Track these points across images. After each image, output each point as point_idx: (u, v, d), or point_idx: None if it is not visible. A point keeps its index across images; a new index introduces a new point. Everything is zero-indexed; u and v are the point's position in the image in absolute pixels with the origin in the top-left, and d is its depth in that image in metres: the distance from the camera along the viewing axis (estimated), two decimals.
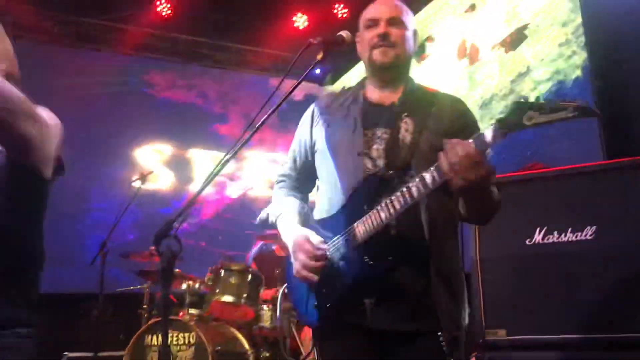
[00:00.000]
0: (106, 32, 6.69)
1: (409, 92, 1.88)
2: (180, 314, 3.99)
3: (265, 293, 4.22)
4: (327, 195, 1.86)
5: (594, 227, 2.43)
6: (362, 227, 1.68)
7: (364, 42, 1.89)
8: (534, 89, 4.66)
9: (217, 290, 3.98)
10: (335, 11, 6.73)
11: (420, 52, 6.08)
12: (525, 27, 4.79)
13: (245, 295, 3.99)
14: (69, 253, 5.61)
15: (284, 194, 2.02)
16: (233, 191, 7.31)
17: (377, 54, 1.84)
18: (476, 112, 4.94)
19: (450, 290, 1.71)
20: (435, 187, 1.56)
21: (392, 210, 1.62)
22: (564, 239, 2.49)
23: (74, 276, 5.56)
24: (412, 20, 1.94)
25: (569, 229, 2.49)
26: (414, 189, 1.59)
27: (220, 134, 7.32)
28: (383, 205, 1.64)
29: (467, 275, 2.93)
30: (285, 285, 3.75)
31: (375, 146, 1.77)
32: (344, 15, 6.69)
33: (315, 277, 1.73)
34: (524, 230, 2.60)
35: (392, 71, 1.88)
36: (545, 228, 2.55)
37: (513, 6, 4.97)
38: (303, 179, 2.02)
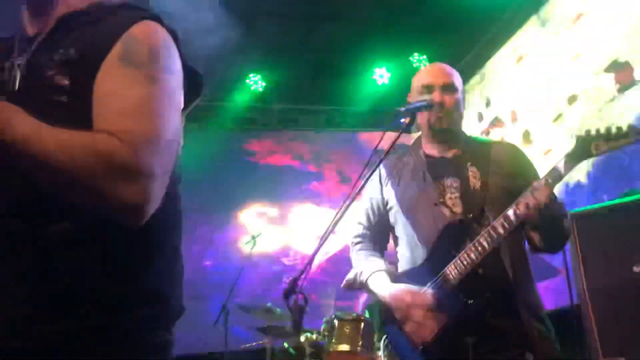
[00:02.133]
0: (208, 110, 7.34)
1: (466, 143, 2.03)
2: None
3: None
4: (408, 249, 1.97)
5: None
6: (454, 270, 1.78)
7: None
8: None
9: (333, 341, 4.17)
10: (413, 60, 6.99)
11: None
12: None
13: (360, 343, 4.14)
14: (193, 316, 6.05)
15: (366, 255, 2.13)
16: (335, 245, 7.56)
17: (434, 121, 1.98)
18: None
19: (542, 325, 1.82)
20: (518, 222, 1.70)
21: (481, 249, 1.74)
22: None
23: (200, 337, 5.97)
24: (461, 81, 2.06)
25: None
26: (499, 227, 1.72)
27: (317, 191, 7.70)
28: (471, 246, 1.76)
29: (576, 306, 2.95)
30: (385, 337, 3.88)
31: (448, 195, 1.91)
32: (423, 64, 6.93)
33: (435, 327, 1.78)
34: (629, 257, 2.61)
35: (448, 133, 2.01)
36: None
37: None
38: (378, 237, 2.14)
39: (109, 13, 1.03)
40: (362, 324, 4.28)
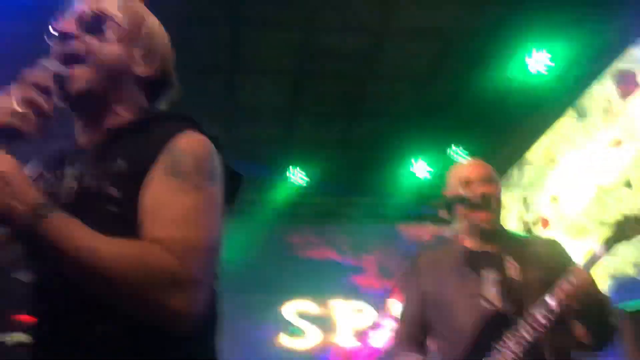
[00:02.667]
0: (250, 204, 7.51)
1: (506, 238, 2.03)
2: None
3: None
4: (447, 341, 1.94)
5: None
6: None
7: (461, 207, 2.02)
8: None
9: None
10: (451, 154, 7.07)
11: None
12: None
13: None
14: None
15: (403, 350, 2.08)
16: (377, 341, 7.35)
17: (474, 218, 1.99)
18: None
19: None
20: (558, 310, 1.69)
21: (521, 341, 1.72)
22: None
23: None
24: (498, 177, 2.11)
25: None
26: (539, 316, 1.71)
27: (358, 285, 7.60)
28: (512, 338, 1.74)
29: None
30: None
31: (487, 287, 1.89)
32: (462, 157, 7.00)
33: None
34: None
35: (488, 231, 2.01)
36: None
37: None
38: (417, 332, 2.08)
39: (155, 122, 1.10)
40: None
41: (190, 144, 1.02)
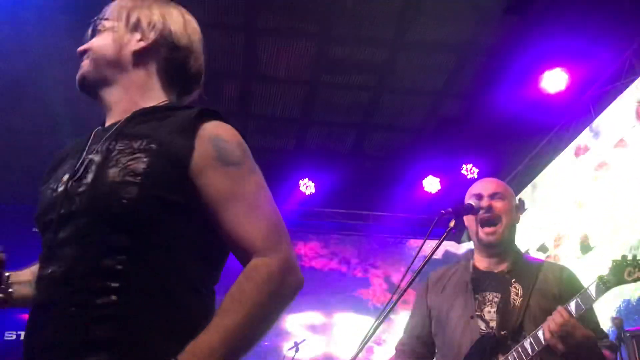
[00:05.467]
0: None
1: (516, 261, 1.99)
2: None
3: None
4: (445, 354, 1.96)
5: None
6: None
7: (470, 219, 2.02)
8: None
9: None
10: (464, 172, 7.01)
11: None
12: None
13: None
14: None
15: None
16: (380, 356, 7.26)
17: (482, 234, 1.98)
18: None
19: None
20: (546, 344, 1.67)
21: None
22: None
23: None
24: (513, 195, 2.09)
25: None
26: (527, 346, 1.70)
27: (363, 298, 7.54)
28: None
29: None
30: None
31: (487, 309, 1.89)
32: (474, 176, 6.94)
33: None
34: None
35: (497, 247, 2.00)
36: None
37: None
38: (418, 345, 2.09)
39: (176, 109, 1.18)
40: None
41: (227, 132, 1.12)
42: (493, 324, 1.86)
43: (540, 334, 1.69)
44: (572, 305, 1.67)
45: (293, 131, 6.84)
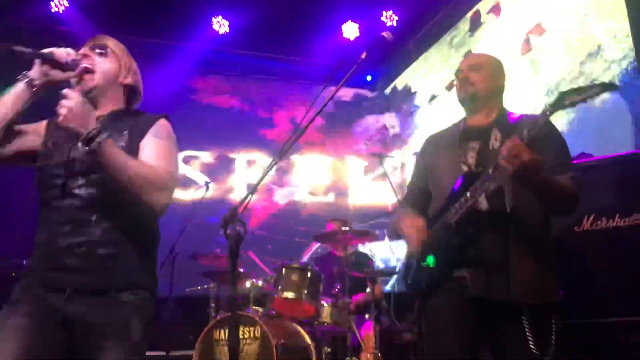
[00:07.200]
0: (169, 51, 7.05)
1: (499, 117, 2.26)
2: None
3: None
4: (435, 200, 2.30)
5: None
6: (455, 209, 2.09)
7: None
8: (607, 70, 4.44)
9: (280, 288, 4.18)
10: (384, 19, 6.88)
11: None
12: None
13: (305, 292, 4.17)
14: None
15: (402, 210, 2.43)
16: (280, 198, 7.44)
17: (457, 92, 2.33)
18: (542, 100, 4.87)
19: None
20: (495, 175, 1.95)
21: (476, 192, 2.02)
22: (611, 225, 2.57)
23: None
24: (494, 64, 2.35)
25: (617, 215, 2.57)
26: (490, 171, 1.97)
27: (266, 138, 7.46)
28: (472, 189, 2.04)
29: None
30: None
31: (470, 154, 2.21)
32: (394, 24, 6.83)
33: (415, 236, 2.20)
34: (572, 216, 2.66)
35: (472, 103, 2.29)
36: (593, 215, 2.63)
37: None
38: (419, 197, 2.41)
39: (140, 113, 2.00)
40: (309, 273, 4.33)
41: (164, 125, 1.96)
42: (471, 165, 2.18)
43: (498, 159, 1.90)
44: (523, 133, 1.85)
45: None
